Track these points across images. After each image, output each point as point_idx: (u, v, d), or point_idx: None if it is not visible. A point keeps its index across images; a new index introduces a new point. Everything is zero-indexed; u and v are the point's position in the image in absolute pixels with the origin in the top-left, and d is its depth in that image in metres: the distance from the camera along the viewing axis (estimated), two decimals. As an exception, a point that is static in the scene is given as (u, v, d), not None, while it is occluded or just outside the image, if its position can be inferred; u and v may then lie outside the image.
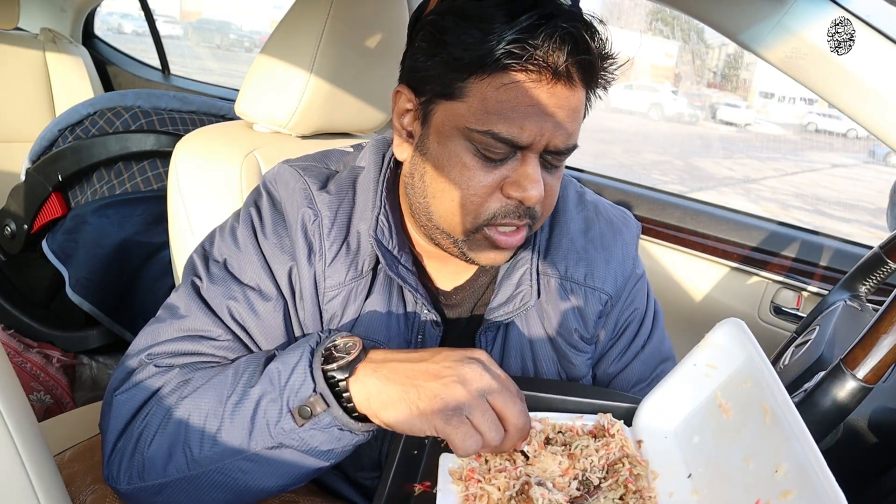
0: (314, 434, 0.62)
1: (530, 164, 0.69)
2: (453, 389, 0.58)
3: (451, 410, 0.57)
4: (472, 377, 0.59)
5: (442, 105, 0.70)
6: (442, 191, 0.72)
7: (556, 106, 0.67)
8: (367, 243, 0.78)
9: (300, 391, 0.62)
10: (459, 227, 0.73)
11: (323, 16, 1.06)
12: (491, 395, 0.59)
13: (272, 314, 0.76)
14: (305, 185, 0.79)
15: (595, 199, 0.91)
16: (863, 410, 0.74)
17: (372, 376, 0.61)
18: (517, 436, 0.59)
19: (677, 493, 0.61)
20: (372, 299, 0.78)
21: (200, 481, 0.66)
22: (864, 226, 8.21)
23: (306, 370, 0.63)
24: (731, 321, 0.64)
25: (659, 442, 0.67)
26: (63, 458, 0.82)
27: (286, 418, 0.62)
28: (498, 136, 0.67)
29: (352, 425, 0.62)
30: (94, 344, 1.69)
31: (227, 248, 0.79)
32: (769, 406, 0.56)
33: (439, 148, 0.71)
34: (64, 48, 2.34)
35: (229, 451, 0.64)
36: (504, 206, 0.71)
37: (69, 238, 1.61)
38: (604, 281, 0.85)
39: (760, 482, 0.53)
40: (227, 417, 0.64)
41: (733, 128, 15.94)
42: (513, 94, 0.66)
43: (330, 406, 0.62)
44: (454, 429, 0.57)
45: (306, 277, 0.77)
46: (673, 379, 0.68)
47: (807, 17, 0.97)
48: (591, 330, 0.86)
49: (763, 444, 0.55)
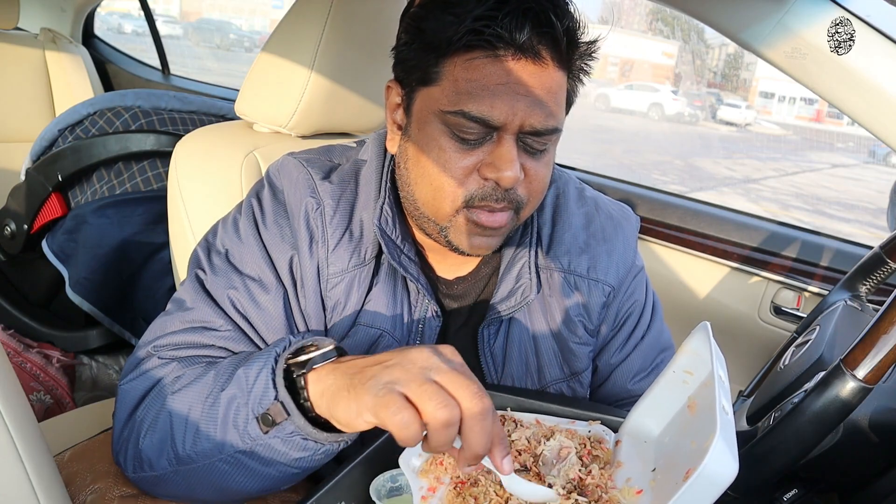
0: (277, 442, 0.61)
1: (505, 144, 0.70)
2: (390, 370, 0.54)
3: (380, 386, 0.52)
4: (416, 357, 0.55)
5: (421, 92, 0.72)
6: (422, 175, 0.74)
7: (527, 83, 0.68)
8: (369, 231, 0.79)
9: (262, 398, 0.61)
10: (440, 210, 0.74)
11: (323, 16, 1.06)
12: (437, 373, 0.53)
13: (273, 305, 0.77)
14: (309, 175, 0.80)
15: (595, 195, 0.93)
16: (863, 410, 0.74)
17: (331, 374, 0.59)
18: (476, 424, 0.52)
19: (635, 479, 0.63)
20: (376, 289, 0.79)
21: (188, 477, 0.66)
22: (864, 226, 8.21)
23: (269, 377, 0.61)
24: (701, 326, 0.66)
25: (638, 444, 0.69)
26: (63, 458, 0.82)
27: (252, 424, 0.61)
28: (469, 115, 0.68)
29: (316, 435, 0.60)
30: (94, 344, 1.69)
31: (229, 239, 0.80)
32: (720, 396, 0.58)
33: (419, 134, 0.73)
34: (64, 48, 2.34)
35: (207, 450, 0.64)
36: (481, 188, 0.71)
37: (69, 238, 1.61)
38: (606, 273, 0.86)
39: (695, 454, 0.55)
40: (204, 418, 0.65)
41: (733, 128, 15.94)
42: (481, 74, 0.67)
43: (290, 415, 0.59)
44: (379, 401, 0.51)
45: (308, 265, 0.78)
46: (656, 388, 0.70)
47: (807, 16, 0.97)
48: (595, 321, 0.87)
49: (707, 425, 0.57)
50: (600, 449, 0.68)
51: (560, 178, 0.91)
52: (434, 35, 0.69)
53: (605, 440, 0.71)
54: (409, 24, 0.73)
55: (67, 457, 0.82)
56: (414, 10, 0.73)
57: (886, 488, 0.75)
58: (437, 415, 0.51)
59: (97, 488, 0.75)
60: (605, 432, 0.73)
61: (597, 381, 0.92)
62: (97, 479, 0.77)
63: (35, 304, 1.79)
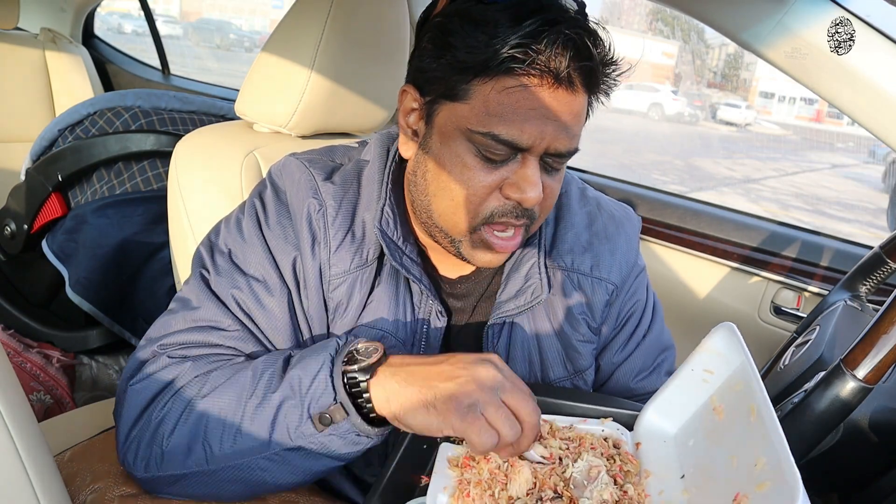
0: (332, 439, 0.65)
1: (530, 166, 0.70)
2: (468, 388, 0.60)
3: (465, 408, 0.59)
4: (485, 376, 0.61)
5: (445, 106, 0.71)
6: (442, 189, 0.73)
7: (557, 110, 0.68)
8: (372, 232, 0.79)
9: (321, 399, 0.64)
10: (458, 225, 0.74)
11: (323, 15, 1.06)
12: (504, 392, 0.60)
13: (278, 307, 0.77)
14: (311, 176, 0.80)
15: (597, 196, 0.93)
16: (863, 410, 0.74)
17: (391, 378, 0.63)
18: (531, 432, 0.61)
19: (668, 492, 0.62)
20: (378, 290, 0.79)
21: (218, 476, 0.68)
22: (864, 226, 8.21)
23: (327, 379, 0.64)
24: (725, 326, 0.65)
25: (658, 445, 0.68)
26: (63, 458, 0.82)
27: (306, 424, 0.64)
28: (498, 138, 0.68)
29: (369, 431, 0.64)
30: (94, 344, 1.69)
31: (232, 239, 0.80)
32: (755, 405, 0.58)
33: (441, 147, 0.73)
34: (64, 48, 2.34)
35: (248, 449, 0.66)
36: (502, 205, 0.72)
37: (69, 238, 1.61)
38: (609, 271, 0.87)
39: (741, 477, 0.55)
40: (248, 418, 0.66)
41: (733, 128, 15.94)
42: (514, 98, 0.67)
43: (349, 415, 0.63)
44: (469, 425, 0.58)
45: (310, 267, 0.78)
46: (672, 385, 0.69)
47: (807, 16, 0.97)
48: (598, 320, 0.87)
49: (747, 441, 0.57)
50: (629, 461, 0.67)
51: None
52: (465, 54, 0.67)
53: (622, 442, 0.70)
54: (434, 35, 0.71)
55: (67, 457, 0.82)
56: (439, 20, 0.71)
57: (886, 488, 0.75)
58: (509, 437, 0.59)
59: (97, 488, 0.75)
60: (621, 431, 0.72)
61: (599, 379, 0.92)
62: (97, 478, 0.76)
63: (35, 304, 1.79)
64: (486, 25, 0.66)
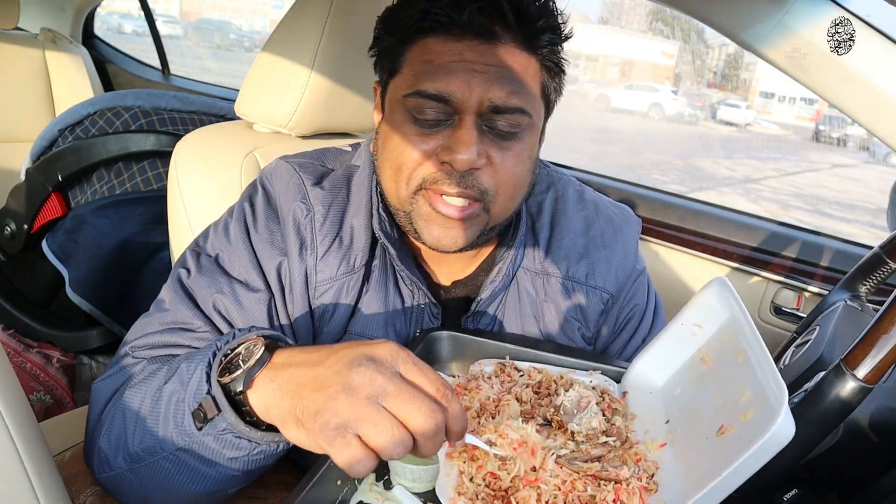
0: (211, 440, 0.58)
1: (463, 127, 0.70)
2: (335, 403, 0.49)
3: (332, 430, 0.49)
4: (359, 383, 0.49)
5: (390, 84, 0.75)
6: (385, 160, 0.75)
7: (482, 62, 0.69)
8: (360, 239, 0.79)
9: (197, 393, 0.59)
10: (399, 195, 0.74)
11: (323, 16, 1.06)
12: (386, 399, 0.49)
13: (256, 306, 0.76)
14: (300, 180, 0.80)
15: (595, 198, 0.92)
16: (863, 410, 0.74)
17: (269, 386, 0.55)
18: (429, 443, 0.50)
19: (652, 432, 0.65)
20: (367, 296, 0.79)
21: (140, 476, 0.65)
22: (864, 226, 8.21)
23: (203, 372, 0.59)
24: (717, 280, 0.67)
25: (644, 395, 0.71)
26: (63, 458, 0.82)
27: (188, 420, 0.59)
28: (424, 93, 0.69)
29: (250, 434, 0.57)
30: (94, 344, 1.69)
31: (220, 242, 0.80)
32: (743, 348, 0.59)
33: (385, 124, 0.75)
34: (64, 48, 2.34)
35: (152, 447, 0.62)
36: (436, 171, 0.71)
37: (69, 238, 1.60)
38: (605, 280, 0.86)
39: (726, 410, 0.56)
40: (150, 413, 0.63)
41: (733, 128, 15.93)
42: (434, 55, 0.70)
43: (222, 410, 0.56)
44: (338, 451, 0.48)
45: (297, 272, 0.77)
46: (661, 340, 0.71)
47: (807, 16, 0.97)
48: (592, 328, 0.87)
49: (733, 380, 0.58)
50: (617, 402, 0.70)
51: (559, 181, 0.91)
52: (395, 24, 0.73)
53: (609, 390, 0.72)
54: (379, 20, 0.77)
55: (67, 457, 0.82)
56: (386, 8, 0.76)
57: (886, 488, 0.75)
58: (390, 452, 0.49)
59: (97, 489, 0.75)
60: (608, 382, 0.74)
61: None
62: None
63: (35, 304, 1.79)
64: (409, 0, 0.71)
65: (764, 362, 0.54)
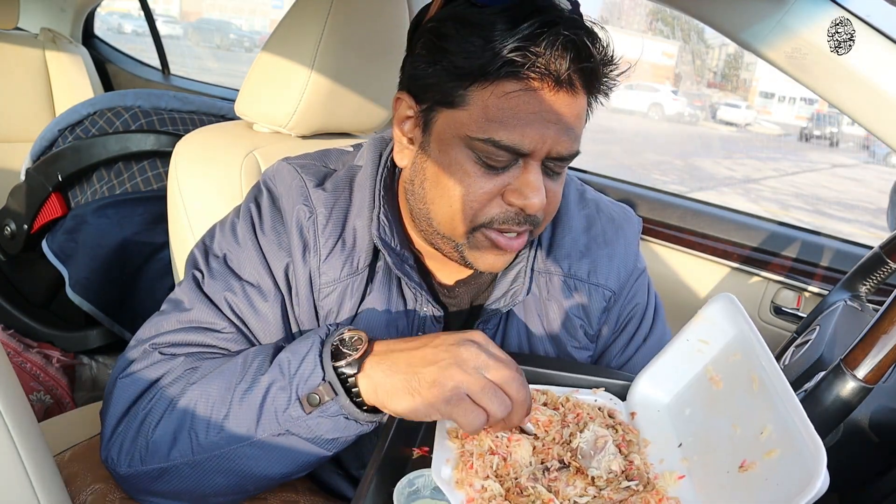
0: (321, 422, 0.64)
1: (532, 171, 0.69)
2: (451, 372, 0.59)
3: (449, 391, 0.59)
4: (467, 357, 0.60)
5: (443, 113, 0.70)
6: (441, 196, 0.72)
7: (559, 113, 0.67)
8: (363, 240, 0.78)
9: (309, 379, 0.64)
10: (457, 229, 0.73)
11: (323, 16, 1.06)
12: (488, 371, 0.60)
13: (272, 312, 0.76)
14: (302, 182, 0.80)
15: (596, 197, 0.92)
16: (863, 410, 0.74)
17: (377, 368, 0.63)
18: (521, 407, 0.60)
19: (668, 460, 0.63)
20: (370, 297, 0.79)
21: (204, 466, 0.67)
22: (864, 226, 8.21)
23: (316, 360, 0.64)
24: (723, 296, 0.66)
25: (652, 415, 0.69)
26: (63, 458, 0.82)
27: (294, 406, 0.64)
28: (499, 144, 0.67)
29: (358, 415, 0.64)
30: (94, 344, 1.69)
31: (227, 243, 0.80)
32: (757, 375, 0.58)
33: (440, 155, 0.71)
34: (64, 48, 2.34)
35: (236, 437, 0.66)
36: (504, 212, 0.71)
37: (69, 238, 1.60)
38: (607, 278, 0.86)
39: (746, 444, 0.55)
40: (236, 404, 0.66)
41: (733, 128, 15.94)
42: (514, 103, 0.66)
43: (338, 394, 0.63)
44: (454, 407, 0.58)
45: (301, 274, 0.77)
46: (666, 355, 0.70)
47: (807, 16, 0.97)
48: (594, 326, 0.87)
49: (750, 410, 0.57)
50: (630, 431, 0.68)
51: None
52: (462, 59, 0.66)
53: (616, 411, 0.71)
54: (428, 40, 0.69)
55: (67, 457, 0.82)
56: (432, 25, 0.69)
57: (886, 488, 0.75)
58: (498, 413, 0.59)
59: (97, 488, 0.75)
60: (614, 402, 0.72)
61: None
62: (97, 479, 0.76)
63: (35, 304, 1.79)
64: (482, 29, 0.65)
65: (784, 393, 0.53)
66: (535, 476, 0.61)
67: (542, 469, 0.62)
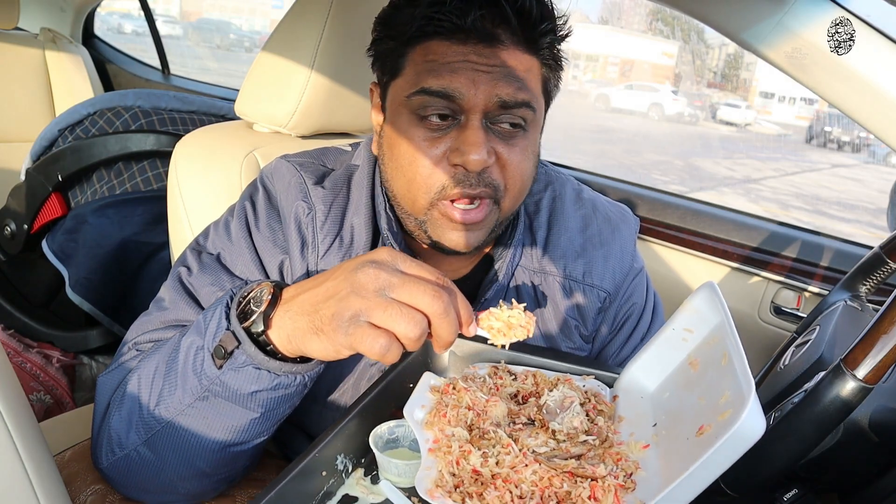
0: (232, 375, 0.62)
1: (471, 127, 0.70)
2: (348, 301, 0.55)
3: (346, 322, 0.54)
4: (365, 281, 0.55)
5: (391, 86, 0.75)
6: (396, 168, 0.75)
7: (487, 64, 0.69)
8: (360, 237, 0.79)
9: (217, 333, 0.63)
10: (415, 203, 0.74)
11: (323, 16, 1.06)
12: (392, 290, 0.55)
13: None
14: (301, 179, 0.81)
15: (592, 197, 0.92)
16: (863, 410, 0.74)
17: (285, 317, 0.60)
18: (443, 320, 0.55)
19: (638, 434, 0.65)
20: None
21: (155, 445, 0.67)
22: (864, 226, 8.21)
23: (221, 313, 0.63)
24: (707, 285, 0.67)
25: (634, 399, 0.72)
26: (63, 458, 0.82)
27: (208, 362, 0.63)
28: (429, 90, 0.70)
29: (268, 364, 0.61)
30: (94, 344, 1.69)
31: (221, 241, 0.81)
32: (727, 352, 0.60)
33: (390, 128, 0.75)
34: (64, 48, 2.34)
35: (172, 407, 0.65)
36: (452, 176, 0.71)
37: (69, 238, 1.61)
38: (602, 278, 0.86)
39: (707, 411, 0.57)
40: (165, 373, 0.66)
41: (733, 128, 15.94)
42: (438, 55, 0.70)
43: (241, 342, 0.61)
44: (353, 337, 0.54)
45: (299, 271, 0.78)
46: (654, 344, 0.72)
47: (807, 16, 0.97)
48: (590, 327, 0.87)
49: (716, 382, 0.59)
50: (603, 404, 0.70)
51: (557, 180, 0.91)
52: (396, 27, 0.73)
53: (601, 395, 0.73)
54: (377, 22, 0.77)
55: (67, 457, 0.82)
56: (384, 9, 0.77)
57: (886, 488, 0.75)
58: (409, 334, 0.54)
59: (97, 489, 0.75)
60: (601, 387, 0.75)
61: None
62: (97, 479, 0.77)
63: (35, 304, 1.79)
64: (411, 2, 0.72)
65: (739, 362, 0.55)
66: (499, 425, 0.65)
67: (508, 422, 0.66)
